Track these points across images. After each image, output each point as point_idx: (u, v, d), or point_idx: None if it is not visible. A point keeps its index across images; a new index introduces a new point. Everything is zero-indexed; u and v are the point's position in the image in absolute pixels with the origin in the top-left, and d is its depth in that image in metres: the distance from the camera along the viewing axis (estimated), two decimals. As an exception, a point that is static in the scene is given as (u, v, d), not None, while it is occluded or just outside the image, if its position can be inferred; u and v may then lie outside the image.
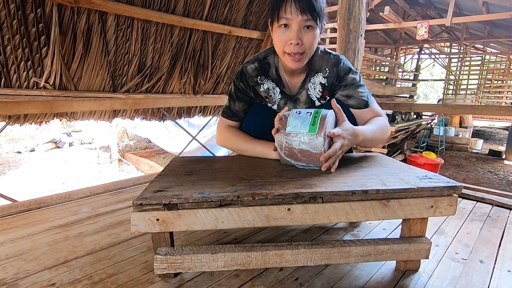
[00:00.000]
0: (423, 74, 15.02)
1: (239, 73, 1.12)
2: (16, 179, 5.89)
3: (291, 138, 0.88)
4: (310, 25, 0.94)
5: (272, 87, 1.11)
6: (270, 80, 1.11)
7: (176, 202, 0.73)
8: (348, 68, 1.06)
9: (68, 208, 1.36)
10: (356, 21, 2.11)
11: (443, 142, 7.35)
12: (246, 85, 1.11)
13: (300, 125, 0.87)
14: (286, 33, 0.95)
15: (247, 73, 1.10)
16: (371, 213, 0.78)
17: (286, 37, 0.95)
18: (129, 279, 0.84)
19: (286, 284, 0.83)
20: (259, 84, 1.11)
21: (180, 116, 2.75)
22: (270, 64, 1.10)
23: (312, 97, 1.10)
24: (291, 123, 0.89)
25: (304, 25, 0.93)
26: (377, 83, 6.62)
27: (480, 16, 5.55)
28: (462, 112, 7.11)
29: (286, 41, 0.95)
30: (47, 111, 1.87)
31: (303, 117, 0.89)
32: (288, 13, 0.91)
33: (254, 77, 1.10)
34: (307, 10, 0.91)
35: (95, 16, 1.90)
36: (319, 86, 1.09)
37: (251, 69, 1.10)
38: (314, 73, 1.08)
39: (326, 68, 1.07)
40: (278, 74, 1.10)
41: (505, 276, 0.89)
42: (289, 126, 0.89)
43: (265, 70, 1.10)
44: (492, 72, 10.90)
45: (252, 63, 1.10)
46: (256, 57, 1.11)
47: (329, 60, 1.06)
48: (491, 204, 1.47)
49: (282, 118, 0.91)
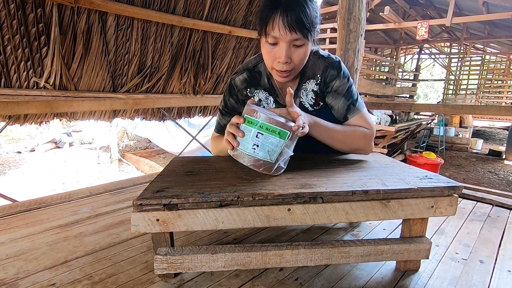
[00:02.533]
0: (423, 74, 15.03)
1: (228, 86, 1.08)
2: (16, 179, 5.89)
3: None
4: (300, 44, 0.87)
5: (264, 97, 1.06)
6: (262, 90, 1.06)
7: (176, 202, 0.73)
8: (335, 73, 1.00)
9: (68, 208, 1.36)
10: (356, 21, 2.11)
11: (443, 142, 7.35)
12: (236, 99, 1.07)
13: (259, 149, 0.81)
14: (274, 49, 0.88)
15: (236, 87, 1.06)
16: (371, 213, 0.78)
17: (274, 54, 0.89)
18: (129, 279, 0.84)
19: (286, 284, 0.83)
20: (249, 97, 1.06)
21: (180, 116, 2.75)
22: (261, 72, 1.05)
23: (304, 104, 1.06)
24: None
25: (293, 43, 0.87)
26: (377, 83, 6.63)
27: (480, 16, 5.56)
28: (462, 112, 7.11)
29: (274, 58, 0.90)
30: (47, 111, 1.87)
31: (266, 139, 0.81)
32: (276, 30, 0.84)
33: (243, 90, 1.06)
34: (296, 28, 0.83)
35: (95, 16, 1.90)
36: (312, 93, 1.04)
37: (239, 81, 1.05)
38: (306, 80, 1.03)
39: (318, 75, 1.02)
40: (270, 82, 1.05)
41: (505, 276, 0.89)
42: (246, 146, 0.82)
43: (256, 80, 1.05)
44: (492, 72, 10.91)
45: (240, 73, 1.05)
46: (246, 66, 1.06)
47: (320, 65, 1.01)
48: (491, 204, 1.47)
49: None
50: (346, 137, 1.00)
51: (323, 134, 0.96)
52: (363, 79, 6.47)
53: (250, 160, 0.83)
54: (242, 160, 0.84)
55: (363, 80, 5.89)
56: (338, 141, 1.00)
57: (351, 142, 1.01)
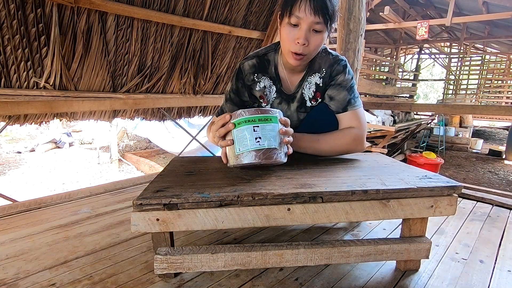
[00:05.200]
0: (423, 74, 15.02)
1: (236, 71, 1.11)
2: (16, 179, 5.89)
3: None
4: (319, 29, 0.93)
5: (268, 85, 1.10)
6: (268, 77, 1.10)
7: (176, 202, 0.73)
8: (341, 69, 1.05)
9: (68, 208, 1.36)
10: (356, 21, 2.11)
11: (443, 142, 7.35)
12: (242, 84, 1.11)
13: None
14: (294, 31, 0.94)
15: (244, 71, 1.10)
16: (371, 213, 0.78)
17: (293, 36, 0.94)
18: (129, 279, 0.84)
19: (286, 284, 0.83)
20: (255, 83, 1.10)
21: (180, 116, 2.75)
22: (270, 61, 1.10)
23: (305, 96, 1.10)
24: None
25: (313, 27, 0.93)
26: (377, 83, 6.63)
27: (480, 16, 5.56)
28: (462, 112, 7.12)
29: (293, 40, 0.94)
30: (47, 111, 1.86)
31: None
32: (302, 11, 0.90)
33: (250, 75, 1.09)
34: (320, 12, 0.90)
35: (95, 16, 1.90)
36: (314, 86, 1.09)
37: (248, 66, 1.09)
38: (312, 73, 1.08)
39: (323, 69, 1.07)
40: (277, 72, 1.10)
41: (505, 276, 0.89)
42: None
43: (264, 67, 1.10)
44: (492, 72, 10.91)
45: (250, 59, 1.10)
46: (256, 53, 1.11)
47: (327, 61, 1.06)
48: (491, 204, 1.47)
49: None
50: (331, 147, 1.05)
51: (308, 146, 1.02)
52: (363, 79, 6.47)
53: (254, 156, 0.83)
54: (245, 160, 0.84)
55: (363, 80, 5.89)
56: (324, 152, 1.06)
57: (339, 150, 1.06)
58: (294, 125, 1.06)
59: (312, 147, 1.03)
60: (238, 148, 0.84)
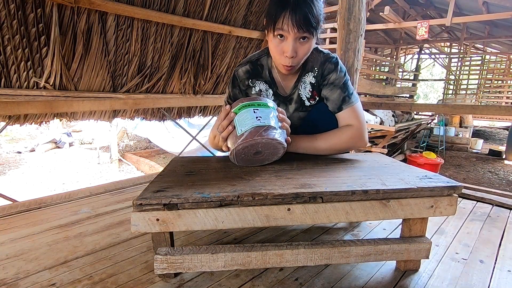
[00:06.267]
0: (423, 74, 15.03)
1: (232, 78, 1.13)
2: (16, 179, 5.89)
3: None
4: (306, 37, 0.94)
5: (265, 89, 1.11)
6: (263, 81, 1.11)
7: (176, 202, 0.73)
8: (333, 67, 1.06)
9: (68, 208, 1.36)
10: (356, 21, 2.11)
11: (443, 142, 7.34)
12: (239, 90, 1.12)
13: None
14: (281, 43, 0.95)
15: (238, 77, 1.11)
16: (371, 213, 0.78)
17: (281, 48, 0.95)
18: (129, 279, 0.84)
19: (286, 284, 0.83)
20: (250, 87, 1.11)
21: (180, 116, 2.75)
22: (263, 65, 1.11)
23: (302, 96, 1.11)
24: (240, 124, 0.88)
25: (300, 37, 0.93)
26: (377, 83, 6.63)
27: (480, 16, 5.55)
28: (462, 112, 7.11)
29: (281, 52, 0.96)
30: (47, 111, 1.86)
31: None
32: (285, 28, 0.91)
33: (245, 80, 1.11)
34: (304, 26, 0.90)
35: (95, 16, 1.90)
36: (309, 85, 1.09)
37: (242, 72, 1.11)
38: (306, 73, 1.09)
39: (315, 68, 1.08)
40: (272, 76, 1.11)
41: (505, 276, 0.89)
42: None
43: (258, 72, 1.11)
44: (492, 72, 10.90)
45: (244, 65, 1.11)
46: (249, 59, 1.12)
47: (319, 59, 1.07)
48: (491, 204, 1.47)
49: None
50: (330, 145, 1.05)
51: (307, 146, 1.04)
52: (363, 79, 6.46)
53: (256, 133, 0.84)
54: (247, 137, 0.84)
55: (363, 80, 5.89)
56: (324, 151, 1.07)
57: (339, 147, 1.07)
58: (294, 126, 1.06)
59: (312, 146, 1.04)
60: (240, 130, 0.86)
